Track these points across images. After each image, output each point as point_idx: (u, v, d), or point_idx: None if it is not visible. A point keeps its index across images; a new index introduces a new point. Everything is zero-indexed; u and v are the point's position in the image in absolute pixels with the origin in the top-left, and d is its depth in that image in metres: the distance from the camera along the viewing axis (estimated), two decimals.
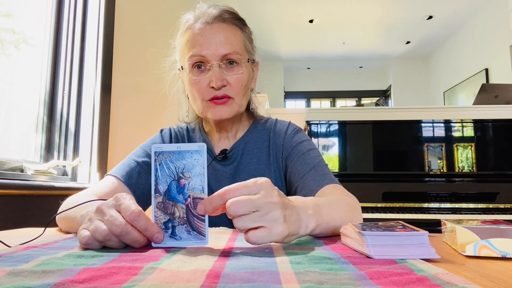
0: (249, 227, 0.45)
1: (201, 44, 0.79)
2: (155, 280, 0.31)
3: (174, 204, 0.48)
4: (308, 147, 0.87)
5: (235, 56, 0.81)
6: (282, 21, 5.83)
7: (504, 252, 0.44)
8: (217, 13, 0.81)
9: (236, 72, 0.81)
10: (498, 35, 4.85)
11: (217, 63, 0.79)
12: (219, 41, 0.79)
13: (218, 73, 0.79)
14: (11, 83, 1.33)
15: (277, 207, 0.46)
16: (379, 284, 0.30)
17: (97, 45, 1.51)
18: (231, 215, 0.45)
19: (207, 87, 0.80)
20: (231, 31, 0.82)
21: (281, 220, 0.46)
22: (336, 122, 2.18)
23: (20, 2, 1.38)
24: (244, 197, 0.45)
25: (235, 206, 0.45)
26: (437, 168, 2.08)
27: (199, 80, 0.80)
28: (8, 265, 0.37)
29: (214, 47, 0.79)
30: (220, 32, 0.80)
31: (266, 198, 0.46)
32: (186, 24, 0.84)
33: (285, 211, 0.47)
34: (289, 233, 0.47)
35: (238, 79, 0.81)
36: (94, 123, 1.47)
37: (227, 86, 0.81)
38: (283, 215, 0.46)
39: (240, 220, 0.45)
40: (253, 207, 0.45)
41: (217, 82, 0.78)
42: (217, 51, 0.79)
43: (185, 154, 0.49)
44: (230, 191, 0.46)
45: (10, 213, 1.06)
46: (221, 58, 0.80)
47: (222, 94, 0.80)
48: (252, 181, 0.48)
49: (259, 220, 0.45)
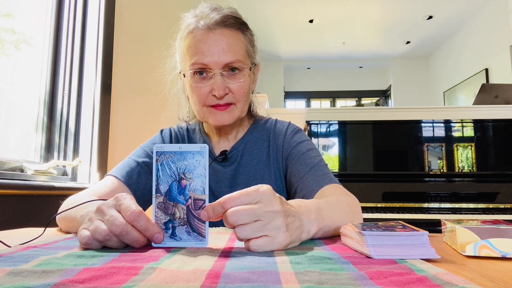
0: (251, 237, 0.45)
1: (203, 52, 0.78)
2: (155, 280, 0.31)
3: (175, 205, 0.48)
4: (308, 147, 0.87)
5: (237, 64, 0.80)
6: (282, 21, 5.82)
7: (504, 252, 0.44)
8: (219, 18, 0.79)
9: (238, 80, 0.80)
10: (498, 35, 4.85)
11: (220, 72, 0.78)
12: (221, 49, 0.78)
13: (220, 82, 0.78)
14: (11, 83, 1.33)
15: (279, 216, 0.46)
16: (379, 284, 0.30)
17: (97, 45, 1.51)
18: (231, 224, 0.45)
19: (209, 94, 0.80)
20: (234, 38, 0.80)
21: (284, 229, 0.46)
22: (336, 122, 2.18)
23: (20, 2, 1.38)
24: (244, 207, 0.45)
25: (236, 216, 0.44)
26: (437, 168, 2.08)
27: (201, 87, 0.80)
28: (8, 265, 0.37)
29: (216, 55, 0.78)
30: (222, 39, 0.79)
31: (267, 207, 0.45)
32: (187, 28, 0.82)
33: (287, 219, 0.47)
34: (291, 240, 0.47)
35: (240, 87, 0.81)
36: (94, 123, 1.47)
37: (229, 94, 0.80)
38: (285, 224, 0.46)
39: (242, 229, 0.44)
40: (254, 217, 0.45)
41: (220, 92, 0.78)
42: (219, 59, 0.78)
43: (187, 155, 0.48)
44: (231, 199, 0.46)
45: (10, 213, 1.06)
46: (224, 66, 0.79)
47: (224, 102, 0.80)
48: (253, 189, 0.47)
49: (261, 230, 0.45)
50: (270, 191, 0.47)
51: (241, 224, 0.45)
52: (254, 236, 0.45)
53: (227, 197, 0.46)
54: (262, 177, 0.87)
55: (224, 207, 0.45)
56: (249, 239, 0.45)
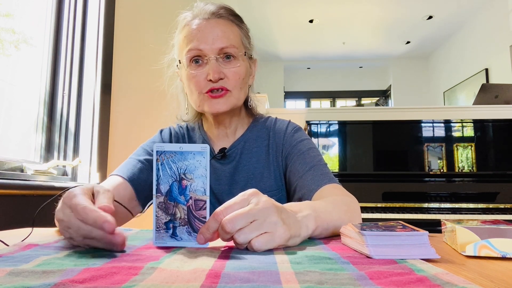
0: (251, 238, 0.45)
1: (198, 38, 0.80)
2: (155, 280, 0.31)
3: (176, 205, 0.48)
4: (308, 146, 0.87)
5: (232, 49, 0.81)
6: (282, 21, 5.82)
7: (504, 252, 0.44)
8: (214, 9, 0.83)
9: (233, 65, 0.82)
10: (498, 35, 4.85)
11: (214, 57, 0.80)
12: (216, 35, 0.80)
13: (215, 66, 0.79)
14: (11, 83, 1.33)
15: (272, 211, 0.46)
16: (379, 284, 0.30)
17: (97, 45, 1.51)
18: (229, 232, 0.44)
19: (205, 80, 0.80)
20: (228, 26, 0.83)
21: (281, 223, 0.46)
22: (336, 122, 2.18)
23: (20, 2, 1.37)
24: (237, 212, 0.45)
25: (232, 223, 0.44)
26: (437, 168, 2.08)
27: (197, 74, 0.81)
28: (8, 265, 0.37)
29: (211, 41, 0.80)
30: (217, 26, 0.81)
31: (258, 205, 0.46)
32: (183, 21, 0.85)
33: (281, 214, 0.47)
34: (291, 234, 0.47)
35: (235, 72, 0.82)
36: (94, 123, 1.47)
37: (224, 79, 0.81)
38: (280, 218, 0.46)
39: (241, 233, 0.44)
40: (250, 218, 0.45)
41: (214, 75, 0.79)
42: (214, 45, 0.80)
43: (188, 155, 0.48)
44: (223, 211, 0.46)
45: (10, 213, 1.06)
46: (218, 51, 0.80)
47: (219, 86, 0.80)
48: (239, 196, 0.48)
49: (259, 228, 0.45)
50: (256, 192, 0.48)
51: (238, 230, 0.44)
52: (254, 236, 0.45)
53: (218, 211, 0.46)
54: (261, 176, 0.87)
55: (218, 219, 0.45)
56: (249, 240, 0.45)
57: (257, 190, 0.48)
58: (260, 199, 0.47)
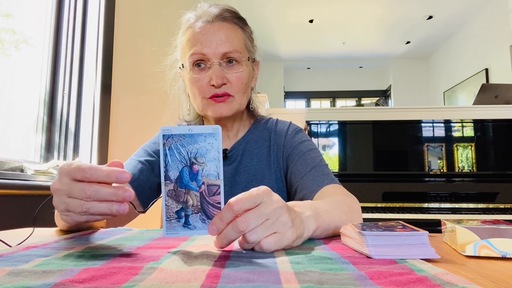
0: (263, 237, 0.44)
1: (202, 42, 0.79)
2: (155, 280, 0.31)
3: (187, 192, 0.44)
4: (308, 147, 0.87)
5: (235, 54, 0.81)
6: (282, 21, 5.82)
7: (504, 252, 0.44)
8: (217, 12, 0.82)
9: (236, 70, 0.81)
10: (498, 35, 4.85)
11: (218, 61, 0.79)
12: (219, 39, 0.79)
13: (218, 71, 0.79)
14: (11, 83, 1.33)
15: (284, 212, 0.46)
16: (379, 284, 0.30)
17: (97, 45, 1.51)
18: (242, 231, 0.43)
19: (207, 85, 0.80)
20: (232, 30, 0.82)
21: (290, 224, 0.46)
22: (336, 122, 2.18)
23: (20, 2, 1.37)
24: (251, 211, 0.44)
25: (246, 222, 0.43)
26: (437, 168, 2.07)
27: (200, 78, 0.81)
28: (8, 265, 0.37)
29: (214, 45, 0.79)
30: (220, 30, 0.80)
31: (272, 205, 0.45)
32: (187, 23, 0.84)
33: (290, 214, 0.47)
34: (297, 236, 0.47)
35: (238, 77, 0.81)
36: (94, 123, 1.47)
37: (227, 84, 0.81)
38: (290, 219, 0.46)
39: (253, 232, 0.44)
40: (263, 217, 0.44)
41: (217, 80, 0.78)
42: (217, 49, 0.79)
43: (198, 137, 0.44)
44: (239, 201, 0.44)
45: (10, 213, 1.06)
46: (222, 56, 0.80)
47: (222, 92, 0.80)
48: (254, 190, 0.46)
49: (271, 228, 0.44)
50: (269, 190, 0.47)
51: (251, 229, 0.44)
52: (265, 235, 0.44)
53: (234, 200, 0.44)
54: (262, 177, 0.87)
55: (235, 210, 0.43)
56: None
57: (269, 189, 0.47)
58: (272, 198, 0.46)
